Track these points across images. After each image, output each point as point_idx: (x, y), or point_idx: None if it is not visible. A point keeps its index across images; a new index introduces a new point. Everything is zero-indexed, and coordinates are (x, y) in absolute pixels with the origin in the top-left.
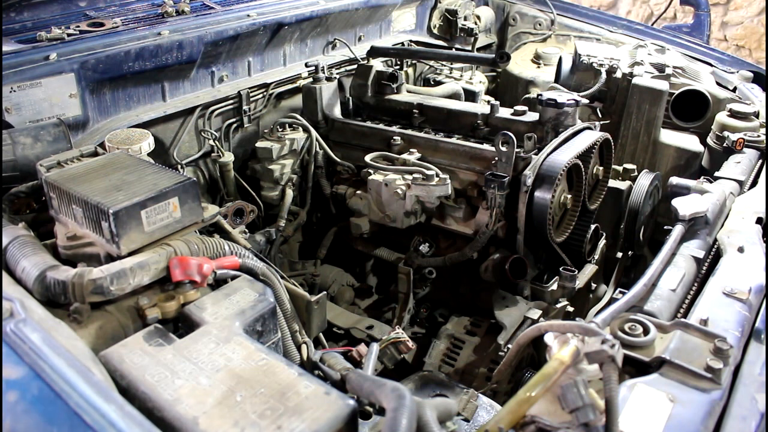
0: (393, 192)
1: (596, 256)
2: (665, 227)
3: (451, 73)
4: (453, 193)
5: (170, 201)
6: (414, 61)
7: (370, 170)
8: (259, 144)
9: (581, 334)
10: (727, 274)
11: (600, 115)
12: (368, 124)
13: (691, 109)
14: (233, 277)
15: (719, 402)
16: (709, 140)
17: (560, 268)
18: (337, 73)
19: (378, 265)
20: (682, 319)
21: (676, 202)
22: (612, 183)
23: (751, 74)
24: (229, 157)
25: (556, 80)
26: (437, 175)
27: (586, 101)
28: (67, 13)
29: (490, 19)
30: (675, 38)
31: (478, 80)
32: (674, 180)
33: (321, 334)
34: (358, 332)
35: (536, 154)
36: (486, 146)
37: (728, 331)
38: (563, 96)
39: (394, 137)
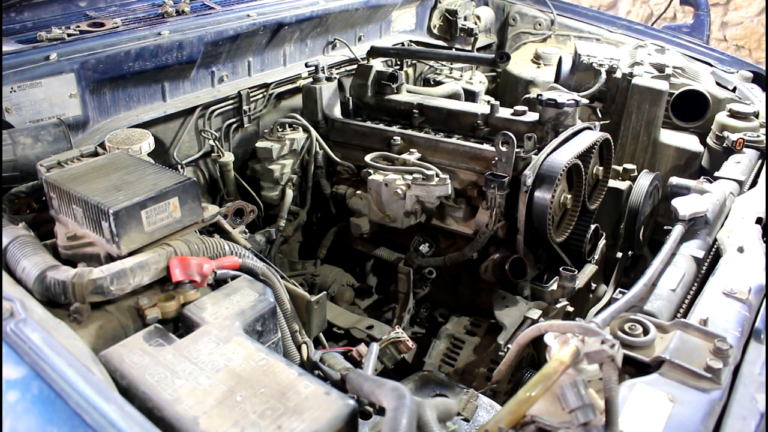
0: (393, 192)
1: (596, 256)
2: (665, 227)
3: (451, 73)
4: (453, 193)
5: (170, 201)
6: (414, 61)
7: (370, 170)
8: (259, 144)
9: (581, 334)
10: (727, 274)
11: (600, 115)
12: (368, 124)
13: (691, 109)
14: (233, 277)
15: (719, 402)
16: (709, 140)
17: (560, 268)
18: (337, 73)
19: (378, 265)
20: (682, 319)
21: (676, 202)
22: (612, 183)
23: (750, 74)
24: (229, 157)
25: (556, 80)
26: (437, 175)
27: (586, 101)
28: (67, 13)
29: (490, 19)
30: (675, 38)
31: (478, 80)
32: (674, 180)
33: (321, 334)
34: (358, 332)
35: (536, 154)
36: (486, 146)
37: (728, 331)
38: (563, 96)
39: (394, 137)
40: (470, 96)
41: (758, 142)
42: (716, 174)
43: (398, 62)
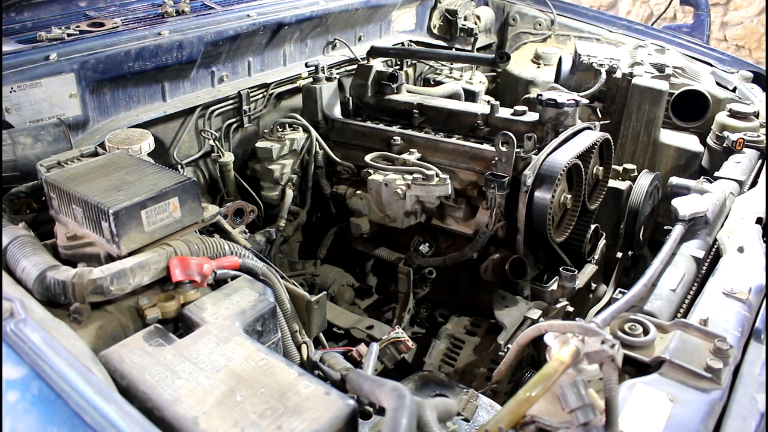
0: (393, 192)
1: (596, 256)
2: (665, 227)
3: (451, 73)
4: (453, 193)
5: (170, 201)
6: (414, 61)
7: (370, 170)
8: (259, 144)
9: (581, 334)
10: (727, 274)
11: (600, 115)
12: (368, 124)
13: (691, 109)
14: (233, 277)
15: (719, 402)
16: (709, 140)
17: (560, 268)
18: (337, 73)
19: (378, 265)
20: (682, 319)
21: (676, 202)
22: (612, 183)
23: (751, 74)
24: (229, 157)
25: (556, 80)
26: (437, 175)
27: (586, 101)
28: (67, 13)
29: (490, 19)
30: (675, 38)
31: (478, 80)
32: (674, 180)
33: (321, 334)
34: (358, 332)
35: (536, 154)
36: (486, 146)
37: (728, 331)
38: (563, 96)
39: (394, 137)
40: (470, 96)
41: (758, 142)
42: (716, 174)
43: (398, 62)
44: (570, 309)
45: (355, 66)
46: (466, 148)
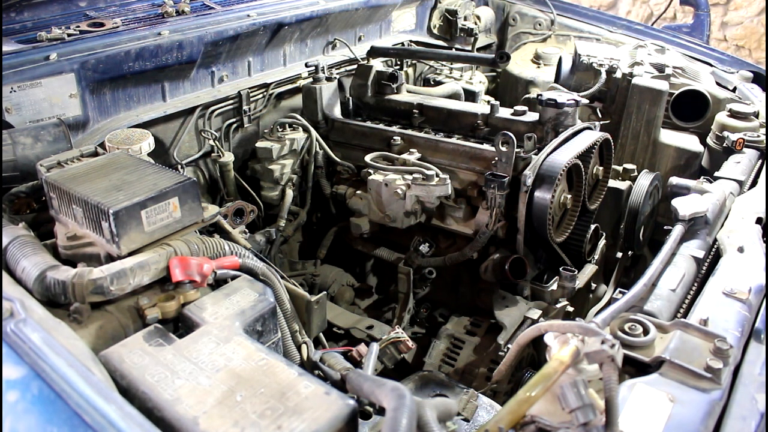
0: (393, 192)
1: (596, 256)
2: (665, 227)
3: (451, 73)
4: (453, 193)
5: (170, 201)
6: (414, 61)
7: (370, 170)
8: (259, 144)
9: (581, 334)
10: (727, 274)
11: (600, 115)
12: (368, 124)
13: (691, 109)
14: (233, 277)
15: (719, 402)
16: (709, 140)
17: (560, 268)
18: (337, 73)
19: (378, 265)
20: (682, 319)
21: (676, 202)
22: (612, 183)
23: (751, 74)
24: (229, 157)
25: (556, 80)
26: (437, 175)
27: (586, 101)
28: (67, 13)
29: (490, 19)
30: (675, 38)
31: (478, 80)
32: (674, 180)
33: (321, 334)
34: (358, 332)
35: (536, 154)
36: (486, 146)
37: (728, 331)
38: (563, 96)
39: (394, 137)
40: (470, 96)
41: (758, 142)
42: (716, 174)
43: (398, 62)
44: (570, 309)
45: (355, 66)
46: (466, 148)
